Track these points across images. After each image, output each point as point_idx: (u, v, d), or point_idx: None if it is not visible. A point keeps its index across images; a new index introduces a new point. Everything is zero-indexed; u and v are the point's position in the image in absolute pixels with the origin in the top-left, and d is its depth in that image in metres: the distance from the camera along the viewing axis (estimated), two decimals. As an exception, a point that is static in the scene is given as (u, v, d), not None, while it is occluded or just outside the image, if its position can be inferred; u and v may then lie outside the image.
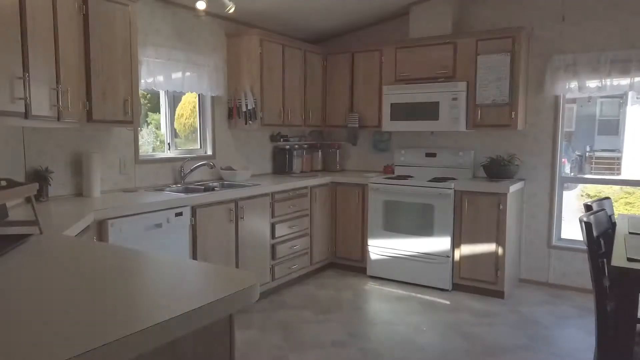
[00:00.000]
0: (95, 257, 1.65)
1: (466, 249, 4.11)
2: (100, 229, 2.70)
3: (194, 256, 3.29)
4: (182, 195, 3.28)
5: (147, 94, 3.89)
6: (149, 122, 4.01)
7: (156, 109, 4.08)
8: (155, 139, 4.07)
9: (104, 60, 2.94)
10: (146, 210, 2.93)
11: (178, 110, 4.20)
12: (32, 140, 2.97)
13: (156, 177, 3.76)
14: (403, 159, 4.87)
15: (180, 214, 3.15)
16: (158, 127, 4.10)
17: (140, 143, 3.75)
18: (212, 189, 3.72)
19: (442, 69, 4.38)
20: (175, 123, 4.18)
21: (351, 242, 4.69)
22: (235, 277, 1.38)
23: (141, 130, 3.89)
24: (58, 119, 2.38)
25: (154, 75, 3.61)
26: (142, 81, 3.53)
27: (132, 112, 3.14)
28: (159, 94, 3.96)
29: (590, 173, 4.43)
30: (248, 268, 3.74)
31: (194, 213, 3.27)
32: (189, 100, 4.22)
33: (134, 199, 3.09)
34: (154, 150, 3.94)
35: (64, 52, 2.42)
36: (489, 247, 4.01)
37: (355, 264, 4.71)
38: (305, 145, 5.21)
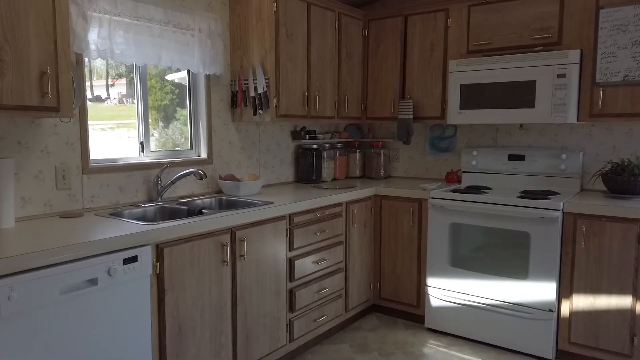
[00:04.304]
0: None
1: (581, 301, 2.72)
2: (-35, 300, 1.49)
3: (161, 332, 2.05)
4: (140, 225, 2.04)
5: (176, 89, 2.85)
6: (177, 117, 2.91)
7: (184, 103, 3.02)
8: (180, 135, 2.97)
9: (-4, 1, 1.73)
10: (63, 260, 1.70)
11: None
12: None
13: (120, 193, 2.55)
14: (475, 163, 3.50)
15: (132, 259, 1.91)
16: (186, 124, 3.02)
17: (164, 140, 2.64)
18: (200, 211, 2.48)
19: (541, 33, 2.99)
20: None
21: (402, 279, 3.37)
22: None
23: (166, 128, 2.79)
24: None
25: (112, 40, 2.39)
26: (93, 47, 2.32)
27: (56, 92, 1.92)
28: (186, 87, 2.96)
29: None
30: (252, 334, 2.48)
31: (160, 255, 2.03)
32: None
33: (67, 233, 1.88)
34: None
35: None
36: (619, 301, 2.61)
37: (407, 310, 3.38)
38: (339, 144, 3.91)
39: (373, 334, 3.19)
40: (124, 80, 2.80)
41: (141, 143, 2.73)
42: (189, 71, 2.94)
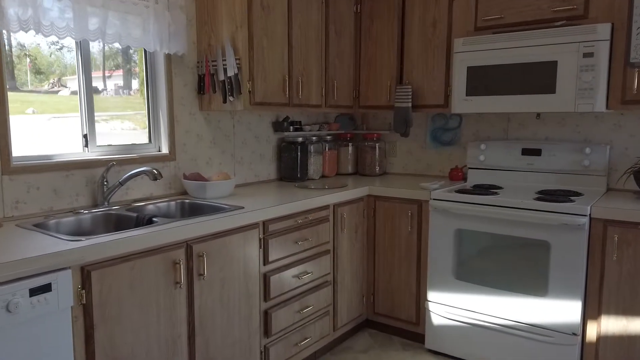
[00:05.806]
0: None
1: (612, 324, 2.29)
2: None
3: (81, 375, 1.61)
4: (60, 242, 1.59)
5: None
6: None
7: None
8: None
9: None
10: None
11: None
12: None
13: (55, 197, 2.10)
14: (483, 158, 3.05)
15: (44, 288, 1.47)
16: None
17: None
18: (150, 219, 2.03)
19: (563, 4, 2.52)
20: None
21: (399, 292, 2.93)
22: None
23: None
24: None
25: (37, 9, 1.93)
26: (13, 17, 1.86)
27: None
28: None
29: None
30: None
31: (86, 280, 1.59)
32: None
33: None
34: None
35: None
36: (659, 326, 2.18)
37: (405, 327, 2.95)
38: (329, 137, 3.46)
39: (365, 356, 2.76)
40: (121, 72, 2.51)
41: (84, 136, 2.27)
42: (145, 51, 2.49)
